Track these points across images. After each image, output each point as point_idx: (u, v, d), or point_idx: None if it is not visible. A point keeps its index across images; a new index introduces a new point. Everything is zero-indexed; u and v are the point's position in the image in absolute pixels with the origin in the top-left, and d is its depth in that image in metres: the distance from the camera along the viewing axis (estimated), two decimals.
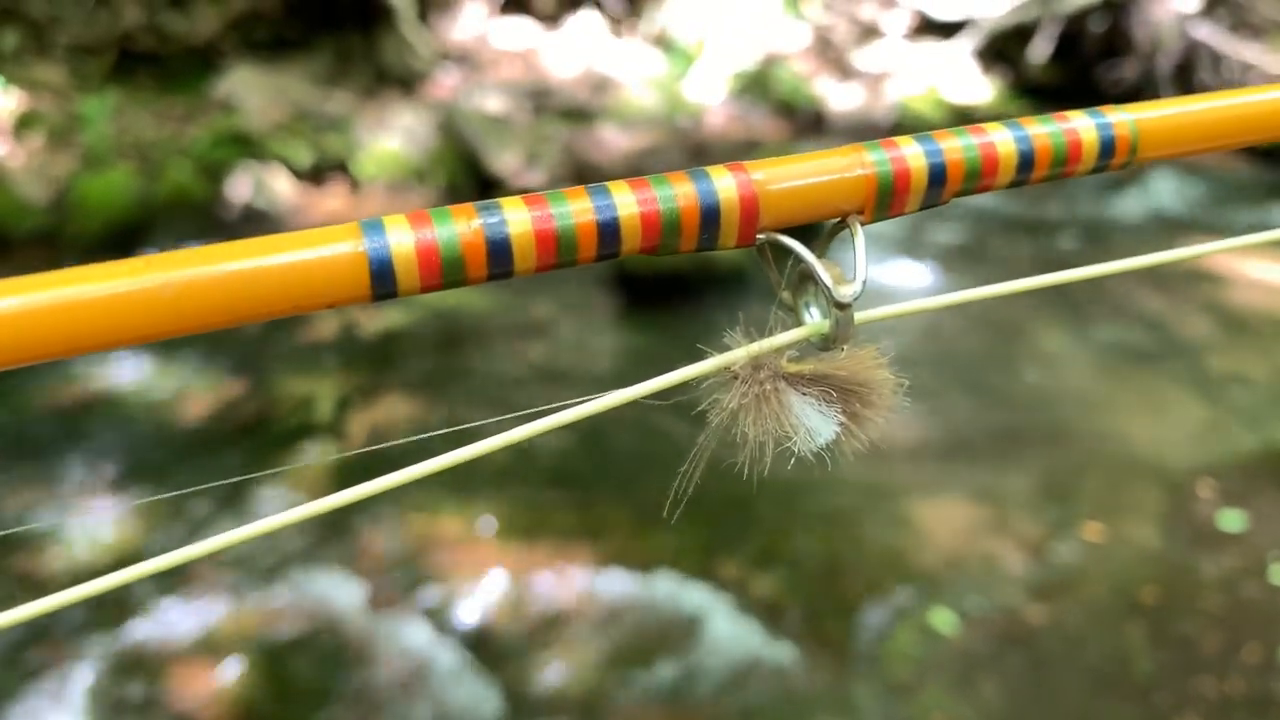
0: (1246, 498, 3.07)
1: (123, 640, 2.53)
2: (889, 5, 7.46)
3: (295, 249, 0.36)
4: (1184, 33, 6.76)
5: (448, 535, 2.89)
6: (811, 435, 0.43)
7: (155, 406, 3.61)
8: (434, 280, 0.37)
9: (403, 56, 6.09)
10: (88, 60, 5.66)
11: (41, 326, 0.33)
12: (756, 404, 0.42)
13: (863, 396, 0.44)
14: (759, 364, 0.43)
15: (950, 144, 0.42)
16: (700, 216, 0.39)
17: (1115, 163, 0.44)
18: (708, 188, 0.40)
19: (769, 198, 0.40)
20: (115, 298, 0.34)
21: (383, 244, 0.37)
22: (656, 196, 0.39)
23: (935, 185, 0.42)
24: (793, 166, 0.41)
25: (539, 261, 0.38)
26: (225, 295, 0.35)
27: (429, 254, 0.37)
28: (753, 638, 2.55)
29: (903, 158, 0.42)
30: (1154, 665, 2.47)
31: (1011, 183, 0.44)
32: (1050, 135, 0.43)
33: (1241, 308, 4.43)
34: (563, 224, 0.38)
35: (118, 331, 0.34)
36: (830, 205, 0.42)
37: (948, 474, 3.20)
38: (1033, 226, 5.44)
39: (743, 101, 6.63)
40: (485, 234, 0.37)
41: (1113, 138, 0.44)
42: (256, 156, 5.26)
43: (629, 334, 4.23)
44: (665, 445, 3.32)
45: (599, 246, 0.39)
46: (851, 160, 0.42)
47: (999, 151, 0.43)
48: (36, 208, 4.88)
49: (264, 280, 0.35)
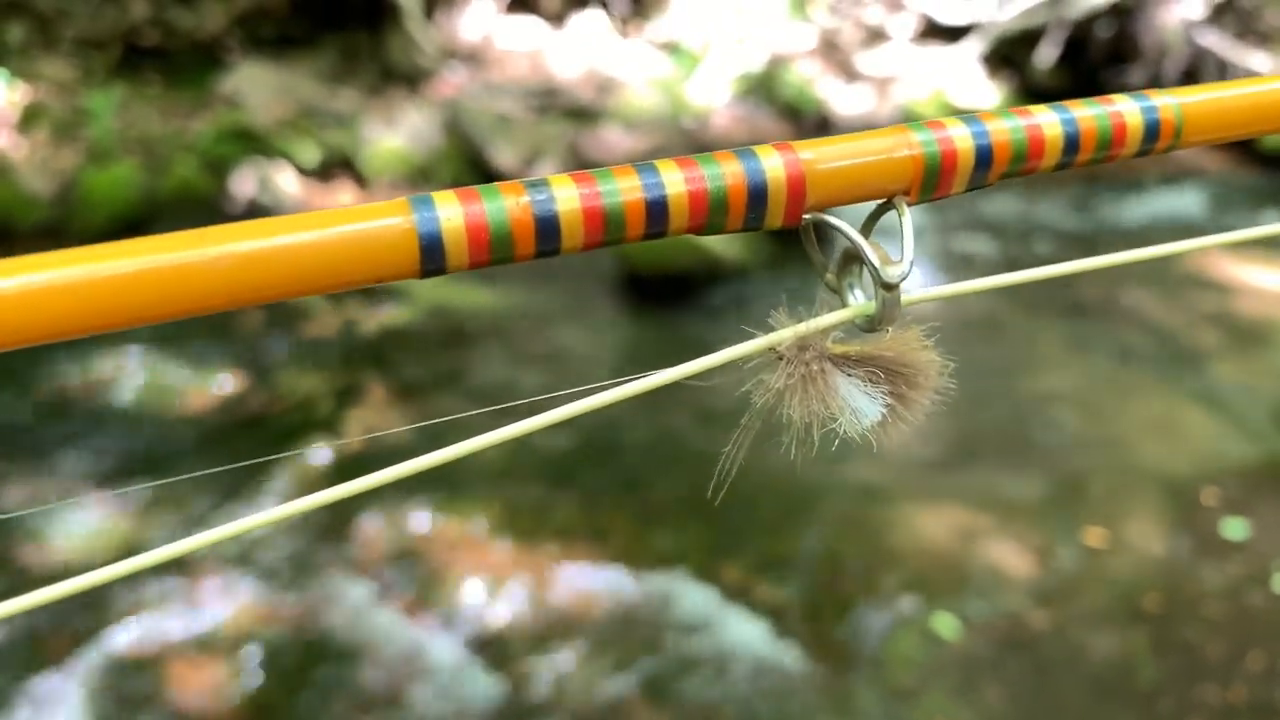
0: (1250, 506, 3.07)
1: (123, 638, 2.53)
2: (895, 9, 7.46)
3: (346, 223, 0.36)
4: (1190, 39, 6.76)
5: (451, 534, 2.89)
6: (857, 416, 0.43)
7: (156, 401, 3.61)
8: (482, 256, 0.37)
9: (409, 54, 6.09)
10: (94, 55, 5.67)
11: (117, 295, 0.33)
12: (803, 384, 0.42)
13: (908, 378, 0.44)
14: (805, 344, 0.43)
15: (997, 125, 0.42)
16: (747, 195, 0.39)
17: (1160, 146, 0.44)
18: (755, 166, 0.40)
19: (816, 177, 0.40)
20: (180, 267, 0.34)
21: (433, 218, 0.37)
22: (704, 175, 0.39)
23: (982, 167, 0.42)
24: (840, 146, 0.41)
25: (586, 239, 0.38)
26: (280, 268, 0.35)
27: (478, 230, 0.37)
28: (755, 640, 2.55)
29: (950, 138, 0.42)
30: (1157, 672, 2.47)
31: (1057, 165, 0.44)
32: (1096, 118, 0.43)
33: (1246, 316, 4.43)
34: (610, 201, 0.38)
35: (179, 301, 0.34)
36: (877, 185, 0.42)
37: (951, 479, 3.20)
38: (1032, 232, 5.44)
39: (747, 104, 6.63)
40: (533, 210, 0.37)
41: (1158, 121, 0.44)
42: (262, 153, 5.26)
43: (633, 332, 4.23)
44: (670, 445, 3.32)
45: (646, 224, 0.39)
46: (898, 140, 0.42)
47: (1045, 133, 0.43)
48: (41, 201, 4.88)
49: (317, 254, 0.35)
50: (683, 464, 3.21)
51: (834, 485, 3.11)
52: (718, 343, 0.43)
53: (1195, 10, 6.77)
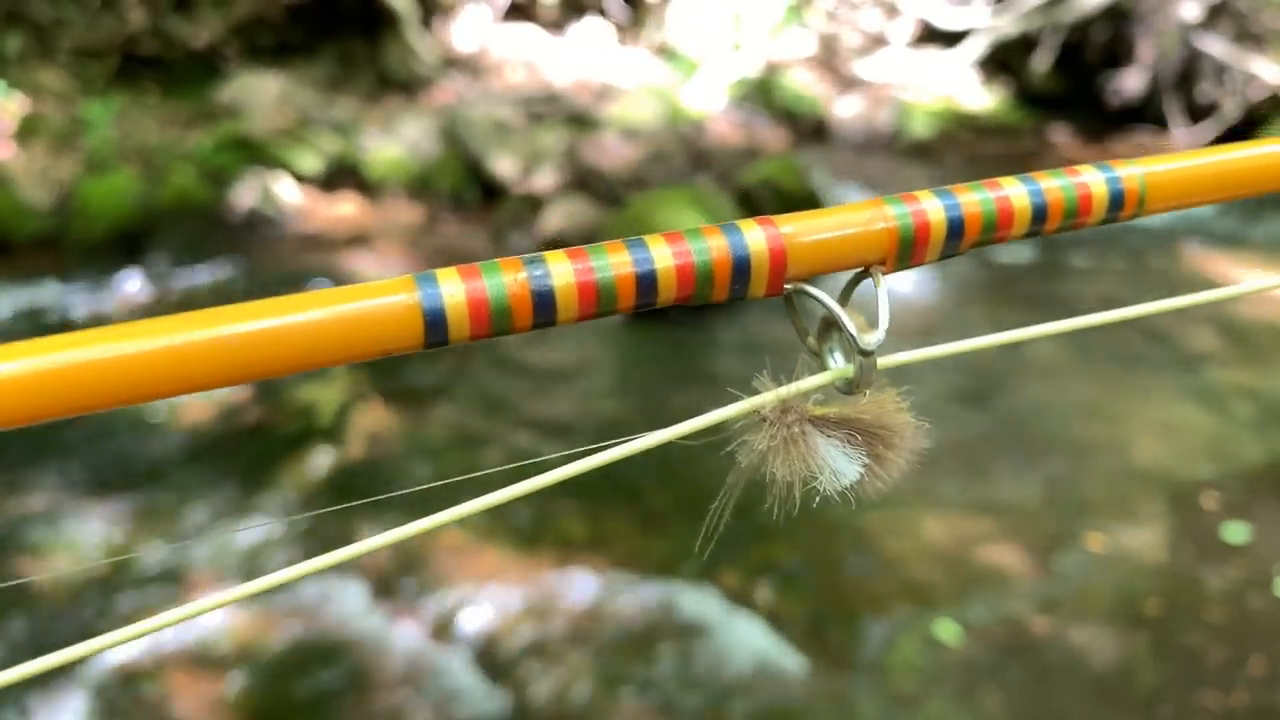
0: (1251, 510, 3.08)
1: (122, 649, 2.54)
2: (892, 14, 7.49)
3: (354, 300, 0.38)
4: (1187, 42, 6.78)
5: (451, 542, 2.90)
6: (836, 476, 0.45)
7: (159, 410, 3.63)
8: (483, 329, 0.39)
9: (406, 62, 6.12)
10: (91, 64, 5.69)
11: (129, 374, 0.36)
12: (784, 446, 0.45)
13: (885, 439, 0.46)
14: (787, 407, 0.45)
15: (968, 198, 0.45)
16: (732, 268, 0.42)
17: (1124, 214, 0.47)
18: (739, 240, 0.42)
19: (796, 250, 0.42)
20: (189, 346, 0.36)
21: (436, 294, 0.39)
22: (691, 249, 0.42)
23: (954, 237, 0.45)
24: (818, 220, 0.43)
25: (581, 312, 0.40)
26: (291, 345, 0.37)
27: (479, 305, 0.39)
28: (756, 647, 2.56)
29: (923, 211, 0.44)
30: (1158, 677, 2.48)
31: (1026, 234, 0.46)
32: (1062, 189, 0.46)
33: (1246, 320, 4.44)
34: (603, 276, 0.40)
35: (190, 379, 0.36)
36: (854, 256, 0.44)
37: (951, 484, 3.21)
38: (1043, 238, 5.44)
39: (744, 109, 6.65)
40: (531, 286, 0.40)
41: (1121, 191, 0.46)
42: (260, 162, 5.28)
43: (633, 346, 4.25)
44: (671, 453, 3.33)
45: (637, 297, 0.41)
46: (874, 214, 0.44)
47: (1014, 205, 0.45)
48: (39, 211, 4.90)
49: (327, 331, 0.37)
50: (683, 471, 3.23)
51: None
52: (715, 357, 0.45)
53: (1191, 13, 6.79)
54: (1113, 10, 6.92)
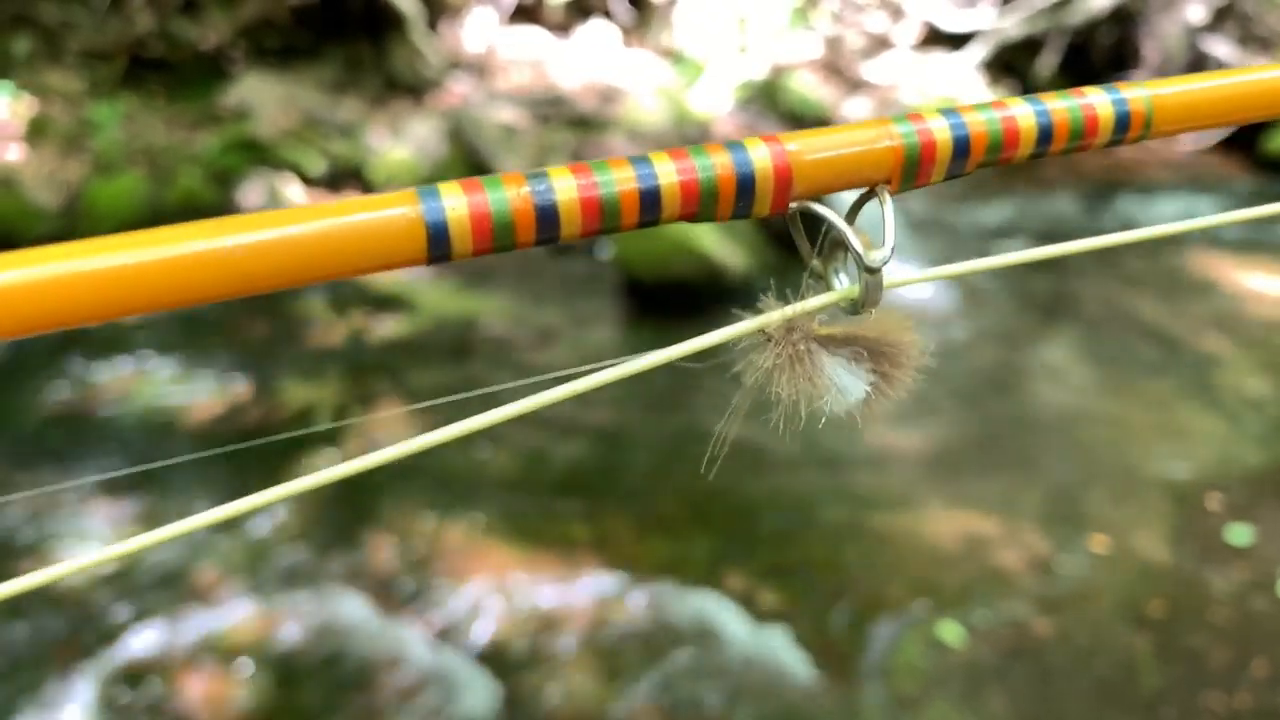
0: (1255, 512, 3.07)
1: (129, 647, 2.54)
2: (898, 17, 7.49)
3: (356, 212, 0.38)
4: (1192, 44, 6.78)
5: (455, 543, 2.90)
6: (843, 394, 0.45)
7: (160, 411, 3.63)
8: (486, 243, 0.39)
9: (413, 64, 6.13)
10: (99, 67, 5.71)
11: (126, 284, 0.35)
12: (790, 364, 0.44)
13: (891, 357, 0.46)
14: (792, 326, 0.45)
15: (974, 117, 0.45)
16: (736, 185, 0.41)
17: (1130, 136, 0.46)
18: (743, 158, 0.42)
19: (802, 167, 0.42)
20: (191, 257, 0.36)
21: (439, 208, 0.39)
22: (695, 165, 0.41)
23: (959, 157, 0.44)
24: (825, 138, 0.43)
25: (584, 227, 0.40)
26: (292, 256, 0.37)
27: (481, 218, 0.39)
28: (760, 649, 2.56)
29: (929, 130, 0.44)
30: (1161, 679, 2.47)
31: (1032, 155, 0.46)
32: (1068, 110, 0.46)
33: (1250, 321, 4.43)
34: (606, 191, 0.40)
35: (191, 290, 0.36)
36: (860, 175, 0.44)
37: (955, 486, 3.21)
38: (1041, 237, 5.45)
39: (750, 112, 6.65)
40: (534, 200, 0.39)
41: (1128, 113, 0.46)
42: (266, 163, 5.29)
43: (636, 343, 4.23)
44: (674, 455, 3.33)
45: (641, 213, 0.41)
46: (880, 132, 0.44)
47: (1020, 124, 0.45)
48: (47, 213, 4.91)
49: (328, 242, 0.37)
50: (686, 473, 3.23)
51: (837, 493, 3.12)
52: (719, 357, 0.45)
53: (1197, 15, 6.79)
54: (1118, 12, 6.92)
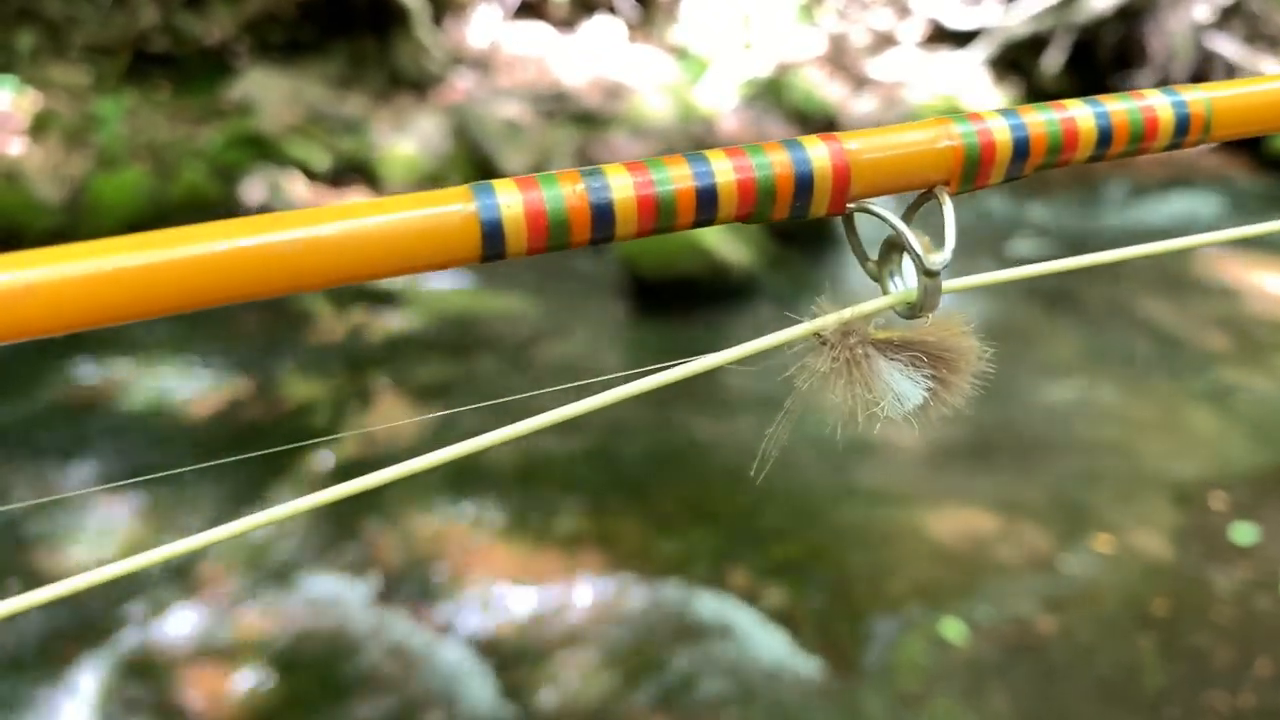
0: (1259, 510, 3.07)
1: (132, 643, 2.54)
2: (903, 14, 7.48)
3: (412, 209, 0.37)
4: (1199, 43, 6.77)
5: (458, 540, 2.90)
6: (900, 399, 0.45)
7: (161, 407, 3.63)
8: (540, 242, 0.38)
9: (417, 60, 6.12)
10: (103, 61, 5.69)
11: (173, 281, 0.35)
12: (846, 368, 0.44)
13: (949, 362, 0.45)
14: (848, 330, 0.44)
15: (1033, 118, 0.44)
16: (794, 184, 0.41)
17: (1190, 139, 0.46)
18: (802, 156, 0.41)
19: (860, 167, 0.41)
20: (238, 252, 0.35)
21: (494, 205, 0.38)
22: (753, 164, 0.41)
23: (1019, 158, 0.44)
24: (884, 137, 0.42)
25: (640, 226, 0.39)
26: (345, 253, 0.36)
27: (536, 216, 0.38)
28: (762, 646, 2.55)
29: (989, 130, 0.43)
30: (1165, 678, 2.47)
31: (1090, 157, 0.45)
32: (1128, 112, 0.45)
33: (1254, 320, 4.43)
34: (663, 190, 0.39)
35: (239, 288, 0.36)
36: (919, 175, 0.43)
37: (958, 483, 3.20)
38: (1041, 235, 5.45)
39: (755, 109, 6.64)
40: (589, 198, 0.39)
41: (1187, 115, 0.45)
42: (271, 159, 5.29)
43: (640, 341, 4.24)
44: (676, 454, 3.33)
45: (697, 212, 0.40)
46: (940, 132, 0.43)
47: (1079, 126, 0.44)
48: (51, 207, 4.90)
49: (382, 239, 0.36)
50: (691, 471, 3.22)
51: (841, 490, 3.12)
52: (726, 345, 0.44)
53: (1204, 14, 6.77)
54: (1124, 10, 6.90)
